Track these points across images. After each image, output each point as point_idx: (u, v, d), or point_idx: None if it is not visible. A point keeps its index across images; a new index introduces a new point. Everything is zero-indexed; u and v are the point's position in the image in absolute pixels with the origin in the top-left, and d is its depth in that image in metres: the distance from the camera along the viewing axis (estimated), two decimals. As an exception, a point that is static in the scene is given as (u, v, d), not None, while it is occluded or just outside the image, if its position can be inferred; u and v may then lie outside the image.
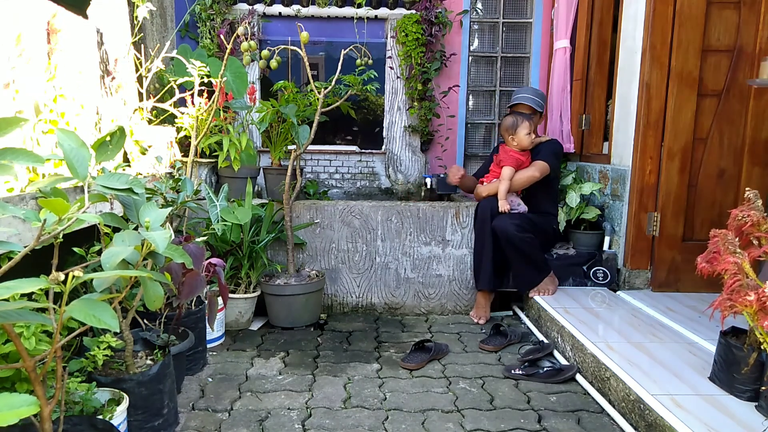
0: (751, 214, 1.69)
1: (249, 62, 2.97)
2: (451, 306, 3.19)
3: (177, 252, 1.39)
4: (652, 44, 2.78)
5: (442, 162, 4.09)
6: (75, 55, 2.31)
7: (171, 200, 2.21)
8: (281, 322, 2.86)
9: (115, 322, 1.04)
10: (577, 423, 1.92)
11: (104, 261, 1.19)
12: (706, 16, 2.74)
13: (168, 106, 2.86)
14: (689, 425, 1.60)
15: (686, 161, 2.84)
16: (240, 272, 2.88)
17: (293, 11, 3.82)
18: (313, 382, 2.22)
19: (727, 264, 1.62)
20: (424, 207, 3.12)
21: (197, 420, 1.90)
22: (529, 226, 2.86)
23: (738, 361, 1.79)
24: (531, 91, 3.15)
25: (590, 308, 2.71)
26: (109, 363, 1.77)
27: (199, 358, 2.31)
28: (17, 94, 1.86)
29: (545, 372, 2.26)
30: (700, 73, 2.78)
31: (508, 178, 2.92)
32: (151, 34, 3.37)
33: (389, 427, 1.87)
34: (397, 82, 3.95)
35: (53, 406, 1.16)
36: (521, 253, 2.84)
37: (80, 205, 1.18)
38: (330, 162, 3.98)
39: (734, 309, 1.58)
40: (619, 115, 3.10)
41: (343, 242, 3.11)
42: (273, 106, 3.10)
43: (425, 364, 2.41)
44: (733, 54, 2.77)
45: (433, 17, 3.78)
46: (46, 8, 2.11)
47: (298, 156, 2.91)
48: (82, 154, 1.23)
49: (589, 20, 3.54)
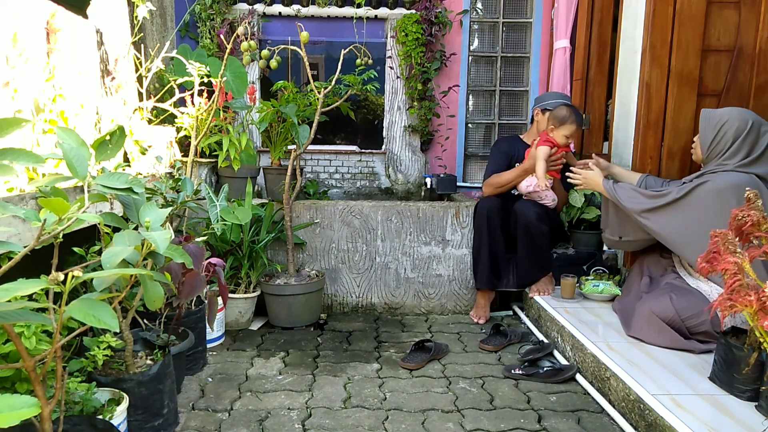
0: (751, 214, 1.69)
1: (249, 62, 2.97)
2: (451, 306, 3.19)
3: (177, 252, 1.39)
4: (652, 44, 2.77)
5: (442, 162, 4.09)
6: (74, 55, 2.31)
7: (171, 200, 2.21)
8: (281, 322, 2.86)
9: (115, 322, 1.04)
10: (577, 423, 1.92)
11: (104, 261, 1.19)
12: (706, 15, 2.74)
13: (168, 106, 2.86)
14: (689, 425, 1.60)
15: (686, 161, 2.84)
16: (240, 272, 2.87)
17: (293, 11, 3.82)
18: (313, 382, 2.22)
19: (727, 264, 1.62)
20: (424, 207, 3.12)
21: (197, 420, 1.90)
22: (547, 218, 2.88)
23: (738, 361, 1.79)
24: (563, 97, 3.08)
25: (590, 308, 2.71)
26: (109, 363, 1.77)
27: (199, 358, 2.31)
28: (16, 93, 1.86)
29: (545, 372, 2.26)
30: (700, 73, 2.78)
31: (543, 158, 2.76)
32: (151, 34, 3.37)
33: (389, 427, 1.87)
34: (397, 82, 3.95)
35: (53, 406, 1.16)
36: (532, 243, 2.85)
37: (80, 204, 1.18)
38: (330, 162, 3.98)
39: (734, 309, 1.58)
40: (619, 115, 3.10)
41: (343, 242, 3.11)
42: (273, 106, 3.10)
43: (425, 363, 2.41)
44: (733, 54, 2.76)
45: (433, 17, 3.78)
46: (45, 7, 2.11)
47: (298, 156, 2.91)
48: (82, 153, 1.23)
49: (589, 20, 3.54)
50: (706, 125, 2.31)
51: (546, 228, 2.84)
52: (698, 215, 2.19)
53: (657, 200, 2.30)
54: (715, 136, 2.26)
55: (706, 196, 2.19)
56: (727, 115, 2.25)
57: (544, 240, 2.87)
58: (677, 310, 2.16)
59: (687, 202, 2.23)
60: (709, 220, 2.11)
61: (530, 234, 2.83)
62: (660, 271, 2.53)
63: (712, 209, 2.16)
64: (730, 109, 2.29)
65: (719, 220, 2.06)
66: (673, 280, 2.36)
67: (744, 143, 2.20)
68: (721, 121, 2.25)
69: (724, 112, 2.27)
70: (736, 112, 2.25)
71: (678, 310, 2.16)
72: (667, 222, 2.28)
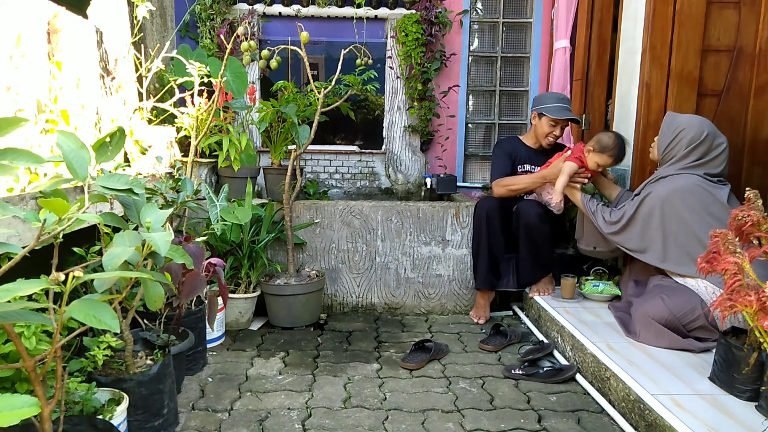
0: (751, 214, 1.69)
1: (249, 62, 2.97)
2: (451, 306, 3.19)
3: (177, 252, 1.39)
4: (652, 44, 2.77)
5: (442, 162, 4.09)
6: (75, 55, 2.31)
7: (171, 200, 2.21)
8: (281, 322, 2.86)
9: (115, 323, 1.04)
10: (577, 423, 1.92)
11: (106, 262, 1.19)
12: (706, 16, 2.74)
13: (168, 106, 2.86)
14: (689, 425, 1.60)
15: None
16: (240, 272, 2.88)
17: (293, 11, 3.82)
18: (313, 382, 2.22)
19: (727, 264, 1.62)
20: (424, 207, 3.12)
21: (197, 420, 1.90)
22: (549, 218, 2.88)
23: (738, 361, 1.79)
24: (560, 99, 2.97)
25: (590, 308, 2.71)
26: (109, 363, 1.77)
27: (199, 358, 2.31)
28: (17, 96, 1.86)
29: (545, 372, 2.26)
30: (700, 73, 2.78)
31: (568, 173, 2.70)
32: (151, 34, 3.37)
33: (389, 427, 1.87)
34: (397, 82, 3.95)
35: (53, 406, 1.16)
36: (533, 242, 2.85)
37: (80, 205, 1.18)
38: (330, 162, 3.98)
39: (734, 309, 1.58)
40: (619, 115, 3.10)
41: (343, 242, 3.11)
42: (273, 106, 3.10)
43: (425, 364, 2.41)
44: (733, 54, 2.76)
45: (433, 17, 3.78)
46: (46, 8, 2.11)
47: (298, 156, 2.91)
48: (82, 155, 1.23)
49: (589, 20, 3.54)
50: (666, 129, 2.41)
51: (548, 228, 2.84)
52: (651, 224, 2.35)
53: (616, 225, 2.48)
54: (672, 140, 2.36)
55: (653, 204, 2.34)
56: (686, 123, 2.34)
57: (546, 240, 2.87)
58: (671, 310, 2.18)
59: (639, 216, 2.39)
60: (660, 225, 2.33)
61: (532, 234, 2.83)
62: (646, 275, 2.57)
63: (659, 215, 2.33)
64: (691, 117, 2.40)
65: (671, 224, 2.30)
66: (660, 281, 2.41)
67: (695, 151, 2.31)
68: (679, 128, 2.35)
69: (684, 119, 2.37)
70: (695, 121, 2.34)
71: (672, 310, 2.18)
72: (630, 238, 2.45)
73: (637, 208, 2.40)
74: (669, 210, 2.30)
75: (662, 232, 2.32)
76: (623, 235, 2.46)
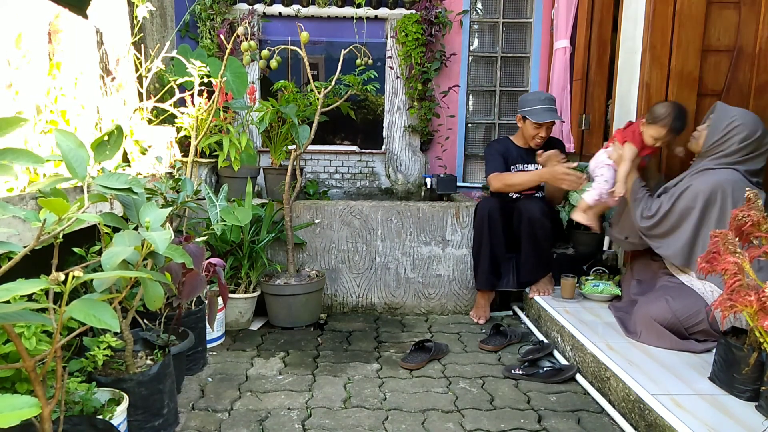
0: (751, 214, 1.68)
1: (249, 62, 2.97)
2: (451, 306, 3.19)
3: (177, 252, 1.39)
4: (652, 44, 2.77)
5: (442, 162, 4.09)
6: (75, 55, 2.31)
7: (171, 200, 2.21)
8: (281, 322, 2.86)
9: (115, 322, 1.04)
10: (577, 423, 1.92)
11: (104, 261, 1.19)
12: (706, 16, 2.74)
13: (168, 106, 2.86)
14: (689, 425, 1.60)
15: (686, 160, 2.84)
16: (240, 272, 2.88)
17: (293, 11, 3.82)
18: (313, 382, 2.22)
19: (727, 264, 1.62)
20: (424, 207, 3.12)
21: (197, 420, 1.90)
22: (550, 215, 2.89)
23: (738, 361, 1.79)
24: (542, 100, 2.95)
25: (590, 308, 2.71)
26: (109, 363, 1.77)
27: (199, 358, 2.31)
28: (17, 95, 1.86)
29: (545, 372, 2.26)
30: (700, 73, 2.78)
31: (630, 159, 2.47)
32: (151, 34, 3.37)
33: (389, 427, 1.87)
34: (397, 82, 3.95)
35: (53, 406, 1.16)
36: (535, 239, 2.86)
37: (80, 205, 1.18)
38: (330, 162, 3.98)
39: (734, 309, 1.58)
40: (619, 115, 3.10)
41: (343, 242, 3.11)
42: (273, 106, 3.10)
43: (425, 364, 2.41)
44: (733, 54, 2.76)
45: (433, 17, 3.78)
46: (47, 9, 2.11)
47: (298, 156, 2.91)
48: (81, 154, 1.23)
49: (589, 20, 3.54)
50: (718, 122, 2.29)
51: (549, 223, 2.86)
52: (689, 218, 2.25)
53: (651, 220, 2.37)
54: (725, 134, 2.26)
55: (694, 197, 2.24)
56: (741, 118, 2.24)
57: (548, 236, 2.89)
58: (675, 313, 2.17)
59: (676, 210, 2.29)
60: (696, 221, 2.22)
61: (534, 229, 2.83)
62: (649, 274, 2.55)
63: (699, 209, 2.22)
64: (745, 112, 2.29)
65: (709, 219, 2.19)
66: (666, 282, 2.38)
67: (746, 148, 2.23)
68: (734, 123, 2.24)
69: (739, 114, 2.26)
70: (750, 118, 2.25)
71: (676, 313, 2.17)
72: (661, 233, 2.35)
73: (674, 202, 2.28)
74: (711, 205, 2.19)
75: (695, 229, 2.21)
76: (657, 229, 2.35)
